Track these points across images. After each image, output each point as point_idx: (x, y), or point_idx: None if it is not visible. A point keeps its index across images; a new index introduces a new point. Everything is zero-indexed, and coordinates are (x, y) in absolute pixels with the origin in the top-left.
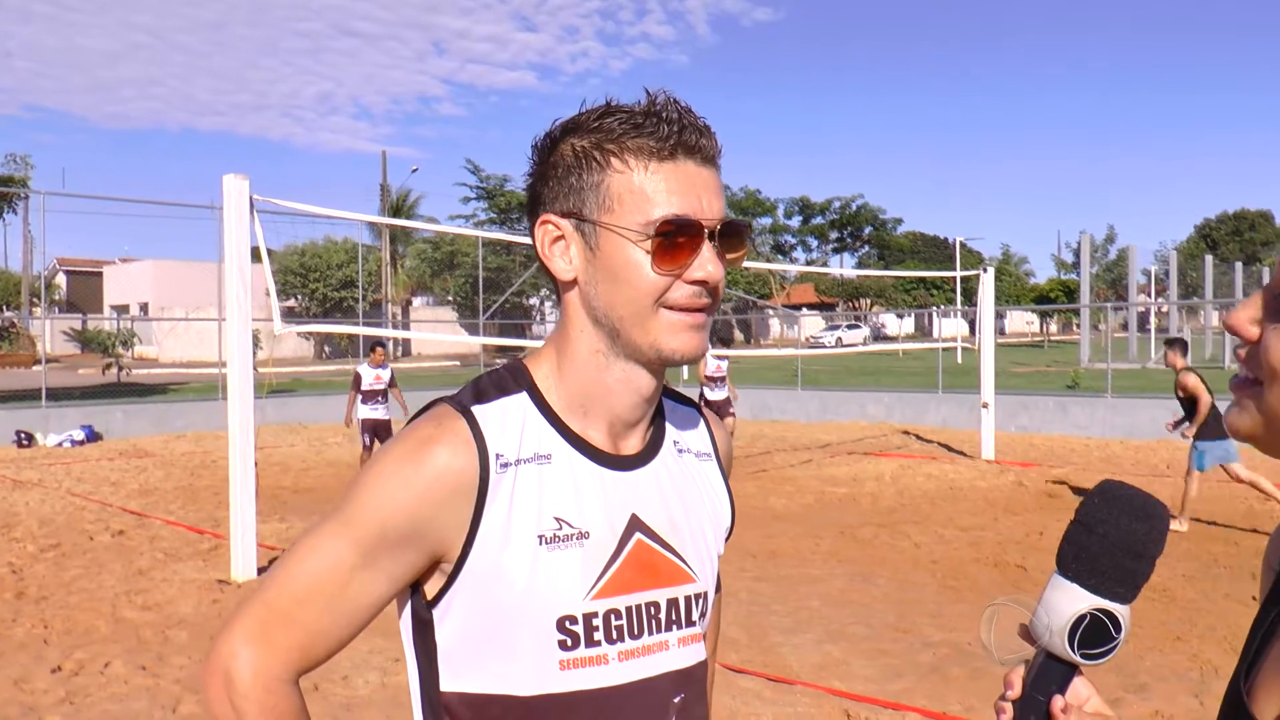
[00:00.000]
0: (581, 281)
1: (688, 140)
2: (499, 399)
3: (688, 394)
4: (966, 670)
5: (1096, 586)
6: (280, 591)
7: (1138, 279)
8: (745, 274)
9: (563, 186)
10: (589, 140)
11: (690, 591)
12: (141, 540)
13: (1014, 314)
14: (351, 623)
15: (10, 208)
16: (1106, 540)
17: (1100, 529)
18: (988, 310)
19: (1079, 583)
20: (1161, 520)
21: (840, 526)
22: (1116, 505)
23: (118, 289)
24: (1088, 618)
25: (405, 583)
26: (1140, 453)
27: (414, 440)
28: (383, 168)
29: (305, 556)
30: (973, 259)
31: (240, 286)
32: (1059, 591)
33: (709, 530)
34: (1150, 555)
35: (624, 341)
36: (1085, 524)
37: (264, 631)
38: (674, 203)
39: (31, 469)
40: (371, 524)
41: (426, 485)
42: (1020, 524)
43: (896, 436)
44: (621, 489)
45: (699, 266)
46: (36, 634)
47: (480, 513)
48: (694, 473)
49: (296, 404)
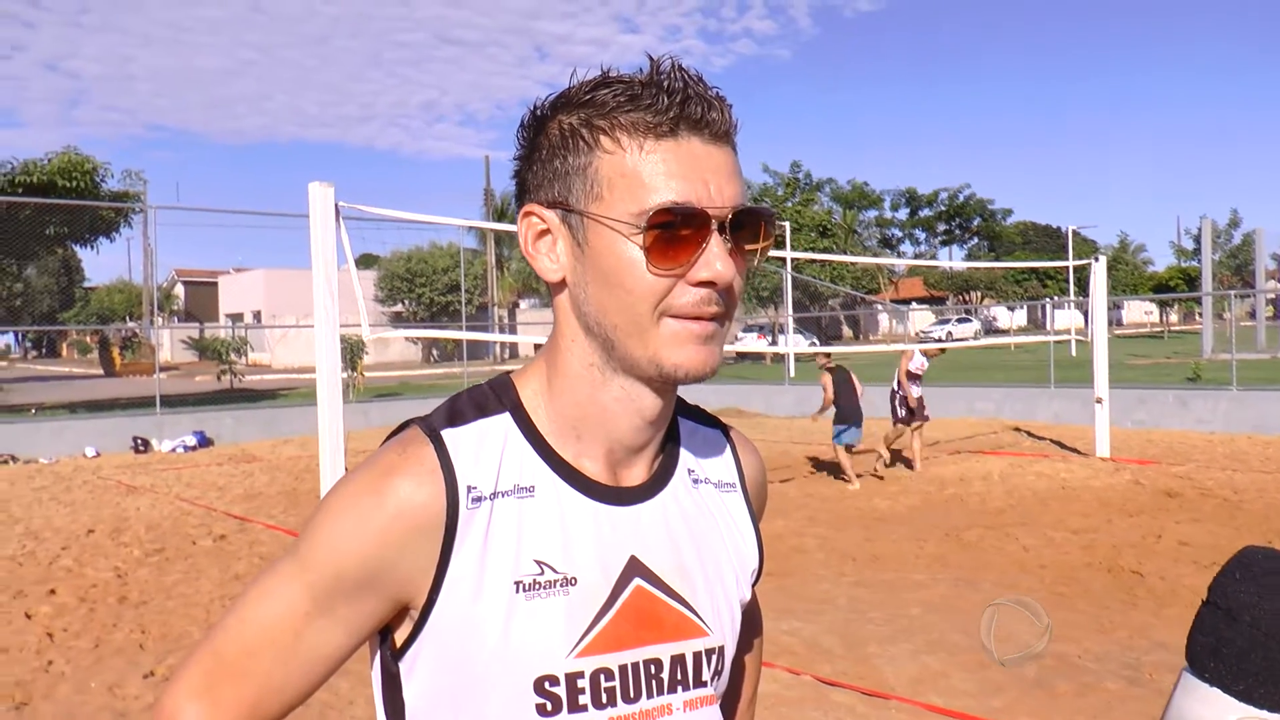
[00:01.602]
0: (570, 283)
1: (691, 113)
2: (476, 421)
3: (722, 412)
4: (1074, 685)
5: (1248, 693)
6: (229, 640)
7: (1266, 264)
8: (853, 269)
9: (547, 171)
10: (577, 116)
11: (701, 647)
12: (241, 545)
13: (1131, 304)
14: (307, 676)
15: (127, 222)
16: (1258, 629)
17: (1248, 615)
18: (1100, 301)
19: (1222, 688)
20: None
21: (945, 529)
22: (1270, 582)
23: (232, 298)
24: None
25: (368, 632)
26: (1270, 449)
27: (375, 470)
28: (485, 172)
29: (257, 602)
30: (1087, 248)
31: (327, 293)
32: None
33: (729, 574)
34: None
35: (620, 354)
36: (1226, 609)
37: (210, 685)
38: (674, 187)
39: (145, 474)
40: (326, 567)
41: (385, 523)
42: (1136, 526)
43: (1006, 434)
44: (619, 527)
45: (705, 265)
46: (134, 639)
47: (447, 555)
48: (713, 507)
49: (400, 407)
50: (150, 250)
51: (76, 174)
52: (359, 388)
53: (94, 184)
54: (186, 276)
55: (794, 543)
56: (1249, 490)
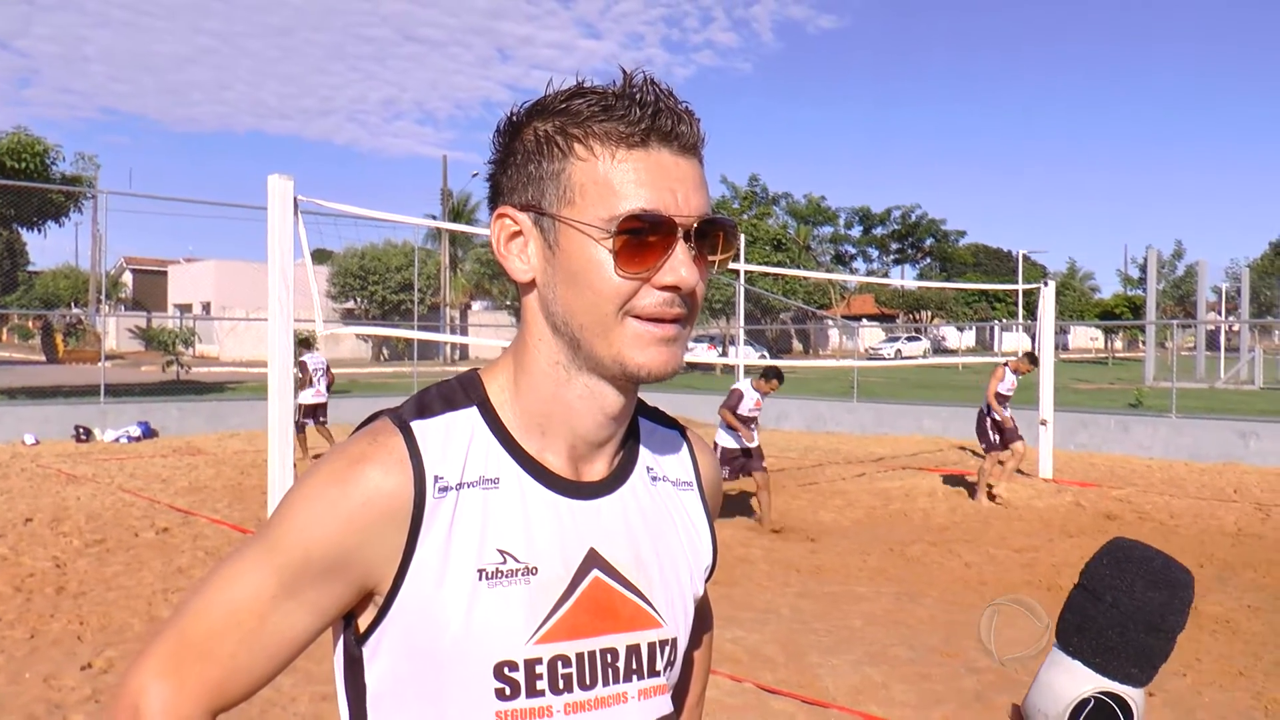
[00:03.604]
0: (540, 284)
1: (662, 125)
2: (444, 414)
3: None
4: (1013, 699)
5: (1104, 666)
6: (195, 622)
7: (1207, 296)
8: (805, 284)
9: (522, 175)
10: (553, 124)
11: (655, 638)
12: (185, 538)
13: (1077, 330)
14: (272, 658)
15: (77, 207)
16: (1117, 610)
17: (1109, 596)
18: (1048, 325)
19: (1083, 660)
20: (1185, 589)
21: (890, 543)
22: (1130, 569)
23: (181, 288)
24: (1091, 702)
25: (333, 616)
26: (1205, 475)
27: (345, 458)
28: (443, 172)
29: (224, 584)
30: (1036, 273)
31: (282, 286)
32: (1058, 670)
33: (684, 570)
34: (1170, 629)
35: (585, 353)
36: (1092, 590)
37: (177, 666)
38: (643, 195)
39: (87, 464)
40: (294, 551)
41: (354, 509)
42: (1076, 546)
43: (953, 452)
44: (579, 520)
45: (670, 270)
46: (71, 630)
47: (413, 542)
48: (669, 503)
49: (350, 405)
50: (100, 236)
51: (26, 155)
52: None
53: (44, 166)
54: (135, 265)
55: (740, 553)
56: (1184, 515)
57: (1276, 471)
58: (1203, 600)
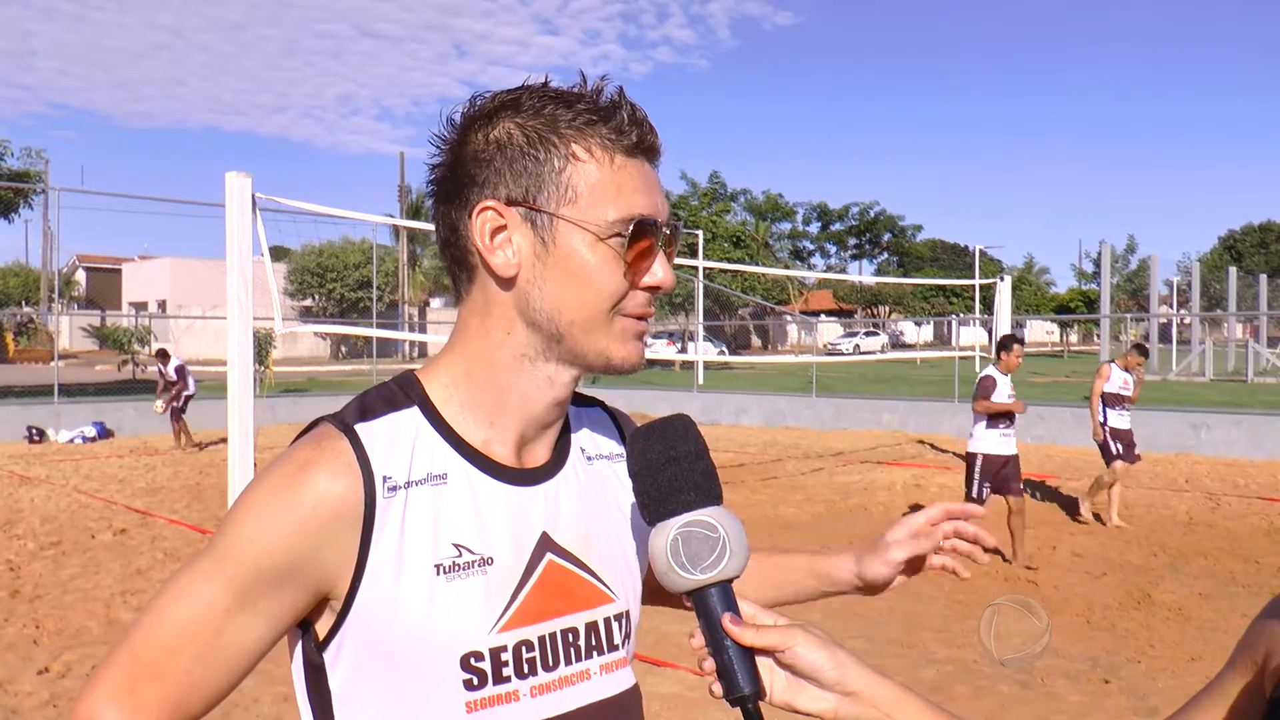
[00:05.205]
0: (523, 279)
1: (645, 136)
2: (387, 414)
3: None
4: (970, 688)
5: (670, 512)
6: (148, 640)
7: (1159, 290)
8: (763, 280)
9: (513, 170)
10: (541, 122)
11: (610, 612)
12: (143, 540)
13: (1034, 324)
14: (229, 672)
15: (27, 203)
16: (646, 473)
17: (636, 467)
18: (1004, 319)
19: (660, 519)
20: (674, 418)
21: (849, 536)
22: (636, 444)
23: (136, 286)
24: (677, 539)
25: (289, 624)
26: (1158, 466)
27: (291, 465)
28: (400, 169)
29: (175, 600)
30: (993, 267)
31: (241, 285)
32: (652, 538)
33: (628, 542)
34: (682, 451)
35: (566, 347)
36: (632, 476)
37: (131, 687)
38: (641, 201)
39: (40, 465)
40: (246, 561)
41: (304, 515)
42: (1033, 537)
43: (911, 446)
44: (528, 506)
45: (653, 272)
46: (27, 634)
47: (367, 543)
48: (607, 479)
49: (309, 404)
50: (51, 233)
51: None
52: (268, 383)
53: None
54: (89, 262)
55: None
56: (1138, 505)
57: (1227, 462)
58: (1156, 588)
